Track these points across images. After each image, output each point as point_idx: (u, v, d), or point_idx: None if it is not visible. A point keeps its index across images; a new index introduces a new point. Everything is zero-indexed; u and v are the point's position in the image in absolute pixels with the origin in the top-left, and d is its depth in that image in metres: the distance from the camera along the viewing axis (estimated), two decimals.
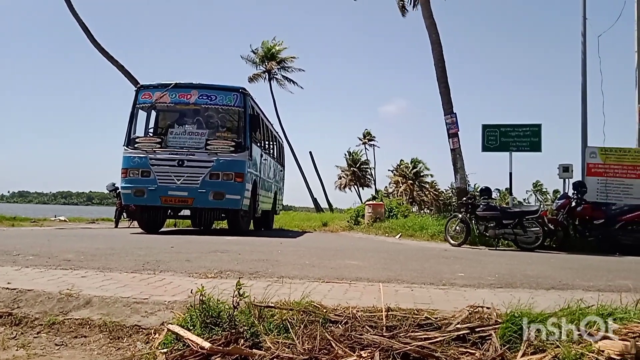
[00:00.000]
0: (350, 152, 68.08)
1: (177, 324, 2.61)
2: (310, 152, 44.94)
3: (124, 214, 15.23)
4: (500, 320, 2.50)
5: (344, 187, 67.19)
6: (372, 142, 67.01)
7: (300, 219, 21.61)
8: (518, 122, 12.66)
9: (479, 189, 11.40)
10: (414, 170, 66.07)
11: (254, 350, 2.33)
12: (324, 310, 2.73)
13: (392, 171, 68.23)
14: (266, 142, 14.01)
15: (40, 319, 2.87)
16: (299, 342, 2.39)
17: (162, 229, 12.08)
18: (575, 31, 12.69)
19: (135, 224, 12.66)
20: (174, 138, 10.74)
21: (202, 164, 10.22)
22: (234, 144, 10.55)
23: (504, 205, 12.18)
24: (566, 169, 11.49)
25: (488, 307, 2.72)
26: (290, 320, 2.57)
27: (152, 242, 7.41)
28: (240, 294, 2.62)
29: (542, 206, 11.22)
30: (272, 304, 2.76)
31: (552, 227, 10.05)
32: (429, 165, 66.88)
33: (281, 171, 17.35)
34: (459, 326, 2.52)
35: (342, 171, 68.21)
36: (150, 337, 2.69)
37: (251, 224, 13.33)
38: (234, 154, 10.40)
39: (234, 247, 6.70)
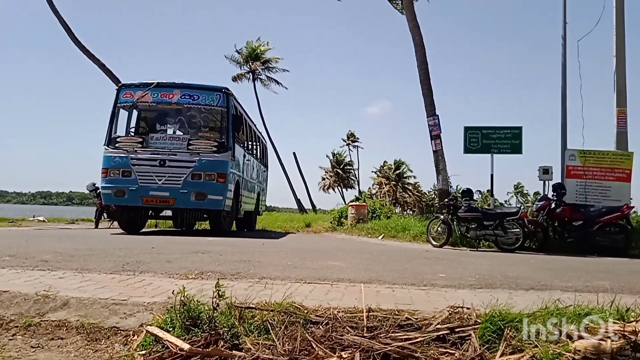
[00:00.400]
0: (334, 153, 68.26)
1: (157, 326, 2.58)
2: (294, 153, 44.94)
3: (104, 214, 15.05)
4: (479, 321, 2.52)
5: (328, 188, 67.31)
6: (355, 144, 67.24)
7: (284, 219, 21.56)
8: (499, 125, 12.83)
9: (460, 190, 11.49)
10: (397, 171, 66.49)
11: (233, 352, 2.31)
12: (305, 311, 2.73)
13: (376, 172, 68.59)
14: (249, 143, 13.95)
15: (16, 321, 2.82)
16: (279, 343, 2.39)
17: (143, 230, 11.96)
18: (556, 35, 12.91)
19: (116, 224, 12.51)
20: (155, 138, 10.65)
21: (184, 164, 10.14)
22: (216, 144, 10.49)
23: (485, 207, 12.30)
24: (546, 171, 11.66)
25: (468, 308, 2.74)
26: (271, 321, 2.56)
27: (133, 243, 7.32)
28: (220, 294, 2.60)
29: (522, 208, 11.34)
30: (253, 305, 2.75)
31: (532, 229, 10.18)
32: (412, 166, 67.57)
33: (264, 172, 17.30)
34: (439, 326, 2.53)
35: (326, 172, 68.32)
36: (129, 339, 2.65)
37: (234, 224, 13.26)
38: (216, 154, 10.34)
39: (216, 248, 6.66)
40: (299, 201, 41.90)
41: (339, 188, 66.60)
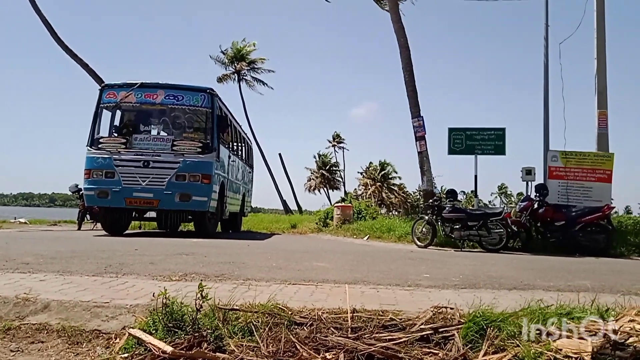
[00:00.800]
0: (319, 154, 68.29)
1: (139, 328, 2.56)
2: (280, 154, 44.90)
3: (87, 216, 14.93)
4: (463, 321, 2.54)
5: (314, 189, 67.30)
6: (341, 145, 67.33)
7: (269, 221, 21.52)
8: (483, 126, 12.95)
9: (445, 191, 11.57)
10: (382, 172, 66.68)
11: (217, 354, 2.30)
12: (290, 313, 2.72)
13: (362, 173, 68.72)
14: (234, 144, 13.90)
15: None
16: (263, 345, 2.38)
17: (127, 232, 11.84)
18: (538, 37, 13.05)
19: (99, 226, 12.38)
20: (139, 138, 10.56)
21: (168, 165, 10.07)
22: (201, 145, 10.43)
23: (469, 208, 12.39)
24: (529, 172, 11.79)
25: (452, 308, 2.76)
26: (254, 323, 2.55)
27: (116, 245, 7.25)
28: (204, 296, 2.58)
29: (506, 208, 11.46)
30: (237, 307, 2.73)
31: (516, 229, 10.29)
32: (399, 167, 67.89)
33: (250, 173, 17.24)
34: (423, 327, 2.54)
35: (312, 173, 68.31)
36: (111, 342, 2.62)
37: (219, 226, 13.20)
38: (201, 155, 10.28)
39: (200, 250, 6.61)
40: (284, 202, 41.87)
41: (325, 189, 66.67)
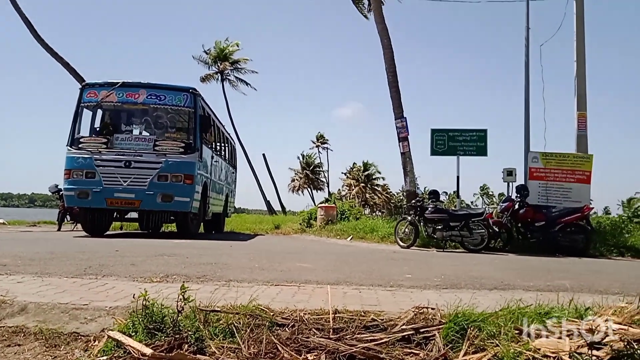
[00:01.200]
0: (303, 154, 68.26)
1: (118, 330, 2.52)
2: (264, 154, 44.80)
3: (67, 216, 14.72)
4: (444, 321, 2.56)
5: (298, 189, 67.27)
6: (325, 145, 67.37)
7: (253, 221, 21.45)
8: (465, 127, 13.07)
9: (427, 191, 11.64)
10: (366, 173, 66.88)
11: (198, 356, 2.28)
12: (271, 314, 2.71)
13: (345, 174, 68.86)
14: (217, 144, 13.83)
15: None
16: (244, 347, 2.37)
17: (108, 232, 11.71)
18: (519, 40, 13.20)
19: (79, 227, 12.22)
20: (120, 138, 10.45)
21: (150, 165, 9.97)
22: (183, 145, 10.36)
23: (451, 208, 12.49)
24: (510, 173, 11.93)
25: (433, 308, 2.77)
26: (236, 325, 2.54)
27: (96, 246, 7.16)
28: (185, 297, 2.56)
29: (487, 209, 11.57)
30: (218, 308, 2.72)
31: (497, 229, 10.40)
32: (383, 168, 68.09)
33: (233, 173, 17.16)
34: (404, 327, 2.55)
35: (296, 174, 68.28)
36: (90, 345, 2.58)
37: (201, 226, 13.11)
38: (183, 155, 10.20)
39: (182, 251, 6.56)
40: (268, 203, 41.74)
41: (309, 190, 66.67)
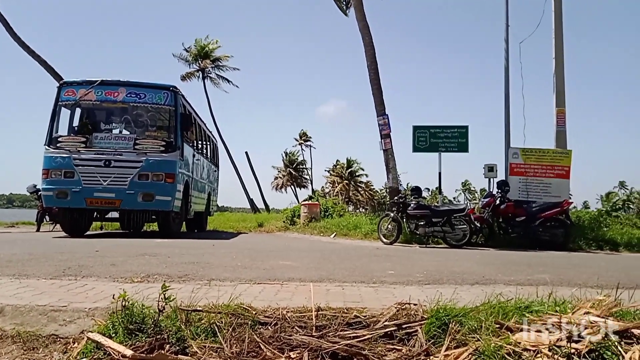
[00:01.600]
0: (286, 152, 68.14)
1: (98, 332, 2.48)
2: (247, 152, 44.62)
3: (46, 217, 14.50)
4: (426, 316, 2.57)
5: (281, 187, 67.16)
6: (308, 143, 67.37)
7: (236, 219, 21.35)
8: (447, 124, 13.15)
9: (410, 188, 11.71)
10: (350, 170, 67.06)
11: (179, 356, 2.26)
12: (254, 312, 2.70)
13: (329, 171, 68.96)
14: (199, 142, 13.72)
15: None
16: (226, 346, 2.35)
17: (88, 233, 11.54)
18: (499, 37, 13.33)
19: (59, 227, 12.03)
20: (100, 137, 10.31)
21: (130, 164, 9.86)
22: (164, 143, 10.26)
23: (434, 204, 12.58)
24: (491, 169, 12.06)
25: (415, 304, 2.78)
26: (218, 324, 2.52)
27: (76, 246, 7.06)
28: (167, 297, 2.53)
29: (469, 204, 11.68)
30: (200, 308, 2.69)
31: (478, 225, 10.51)
32: (366, 165, 68.29)
33: (215, 171, 17.06)
34: (386, 323, 2.56)
35: (279, 172, 68.14)
36: (69, 347, 2.54)
37: (184, 225, 13.01)
38: (164, 154, 10.10)
39: (164, 250, 6.50)
40: (251, 201, 41.60)
41: (292, 187, 66.59)
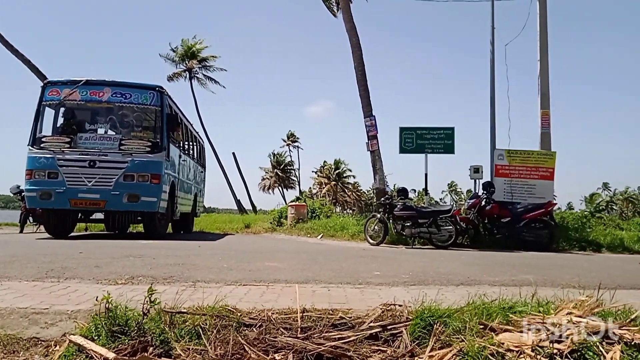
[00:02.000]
0: (274, 153, 68.02)
1: (80, 334, 2.46)
2: (234, 153, 44.54)
3: (29, 218, 14.35)
4: (411, 317, 2.58)
5: (268, 188, 67.04)
6: (296, 144, 67.30)
7: (222, 221, 21.24)
8: (433, 125, 13.23)
9: (397, 189, 11.75)
10: (337, 171, 67.14)
11: (162, 359, 2.24)
12: (239, 314, 2.68)
13: (316, 172, 68.98)
14: (185, 143, 13.65)
15: None
16: (211, 348, 2.34)
17: (72, 234, 11.42)
18: (486, 39, 13.44)
19: (43, 228, 11.89)
20: (84, 138, 10.20)
21: (115, 165, 9.77)
22: (150, 144, 10.18)
23: (420, 205, 12.64)
24: (477, 170, 12.15)
25: (400, 305, 2.79)
26: (202, 326, 2.50)
27: (60, 248, 6.97)
28: (152, 300, 2.51)
29: (455, 206, 11.76)
30: (184, 310, 2.67)
31: (464, 226, 10.58)
32: (354, 166, 68.46)
33: (202, 172, 16.98)
34: (372, 324, 2.56)
35: (266, 172, 67.99)
36: (50, 350, 2.51)
37: (169, 227, 12.92)
38: (150, 155, 10.03)
39: (149, 252, 6.45)
40: (238, 202, 41.40)
41: (280, 188, 66.47)
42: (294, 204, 17.64)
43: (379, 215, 10.89)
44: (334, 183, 66.00)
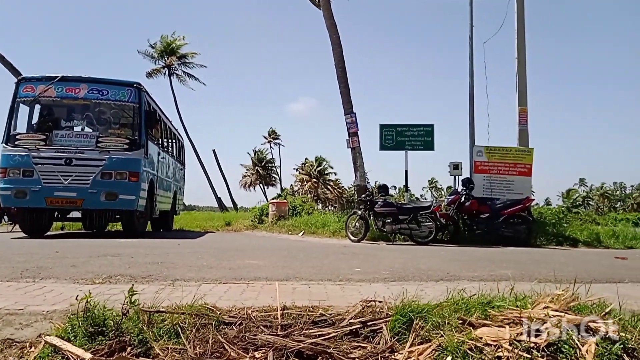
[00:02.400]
0: (255, 150, 67.76)
1: (56, 335, 2.41)
2: (214, 150, 44.33)
3: (4, 217, 14.07)
4: (391, 313, 2.58)
5: (249, 186, 66.78)
6: (277, 141, 67.14)
7: (203, 218, 21.11)
8: (413, 122, 13.31)
9: (377, 186, 11.80)
10: (319, 168, 67.17)
11: (140, 359, 2.21)
12: (218, 313, 2.66)
13: (298, 169, 68.89)
14: (164, 140, 13.51)
15: None
16: (190, 347, 2.31)
17: (49, 233, 11.22)
18: (464, 36, 13.55)
19: (18, 227, 11.66)
20: (60, 135, 10.02)
21: (92, 163, 9.63)
22: (128, 141, 10.05)
23: (400, 202, 12.71)
24: (456, 167, 12.26)
25: (380, 301, 2.80)
26: (181, 325, 2.47)
27: (35, 247, 6.85)
28: (132, 302, 2.48)
29: (434, 202, 11.85)
30: (163, 309, 2.64)
31: (444, 222, 10.67)
32: (336, 163, 68.59)
33: (181, 170, 16.83)
34: (352, 321, 2.56)
35: (247, 170, 67.70)
36: (25, 351, 2.46)
37: (149, 225, 12.78)
38: (128, 152, 9.91)
39: (127, 250, 6.37)
40: (219, 199, 41.25)
41: (261, 186, 66.27)
42: (275, 201, 17.59)
43: (359, 212, 10.93)
44: (315, 180, 66.03)
